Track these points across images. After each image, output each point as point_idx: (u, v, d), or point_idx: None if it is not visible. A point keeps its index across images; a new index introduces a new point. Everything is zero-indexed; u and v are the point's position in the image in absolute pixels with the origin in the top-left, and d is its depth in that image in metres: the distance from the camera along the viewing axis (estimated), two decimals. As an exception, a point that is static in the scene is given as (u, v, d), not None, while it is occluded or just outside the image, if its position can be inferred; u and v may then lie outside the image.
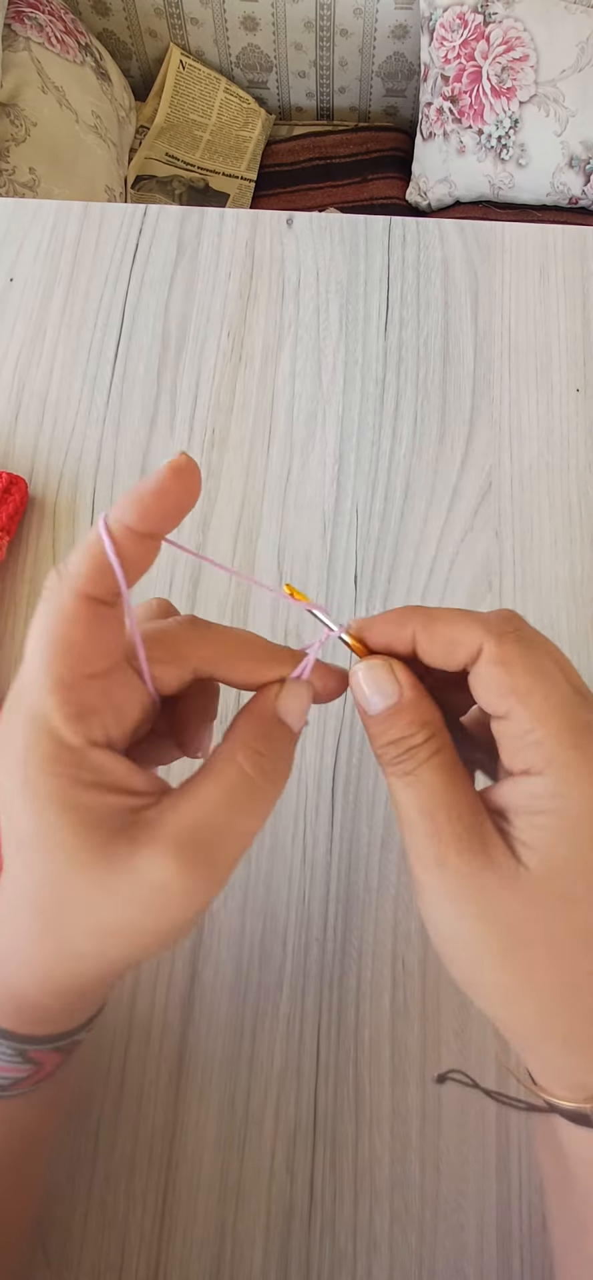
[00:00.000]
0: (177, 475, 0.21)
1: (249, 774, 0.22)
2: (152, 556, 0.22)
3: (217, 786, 0.22)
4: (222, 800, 0.21)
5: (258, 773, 0.22)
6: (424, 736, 0.23)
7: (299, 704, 0.24)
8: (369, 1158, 0.33)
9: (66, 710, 0.20)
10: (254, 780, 0.22)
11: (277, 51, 1.26)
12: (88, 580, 0.20)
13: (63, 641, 0.20)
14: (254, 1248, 0.32)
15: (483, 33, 1.06)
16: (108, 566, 0.20)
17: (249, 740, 0.23)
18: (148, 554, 0.21)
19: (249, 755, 0.22)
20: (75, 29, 1.16)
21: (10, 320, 0.48)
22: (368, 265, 0.50)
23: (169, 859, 0.20)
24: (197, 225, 0.51)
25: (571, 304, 0.48)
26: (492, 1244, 0.32)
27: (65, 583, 0.20)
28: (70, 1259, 0.32)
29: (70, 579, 0.20)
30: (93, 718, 0.21)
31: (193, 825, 0.21)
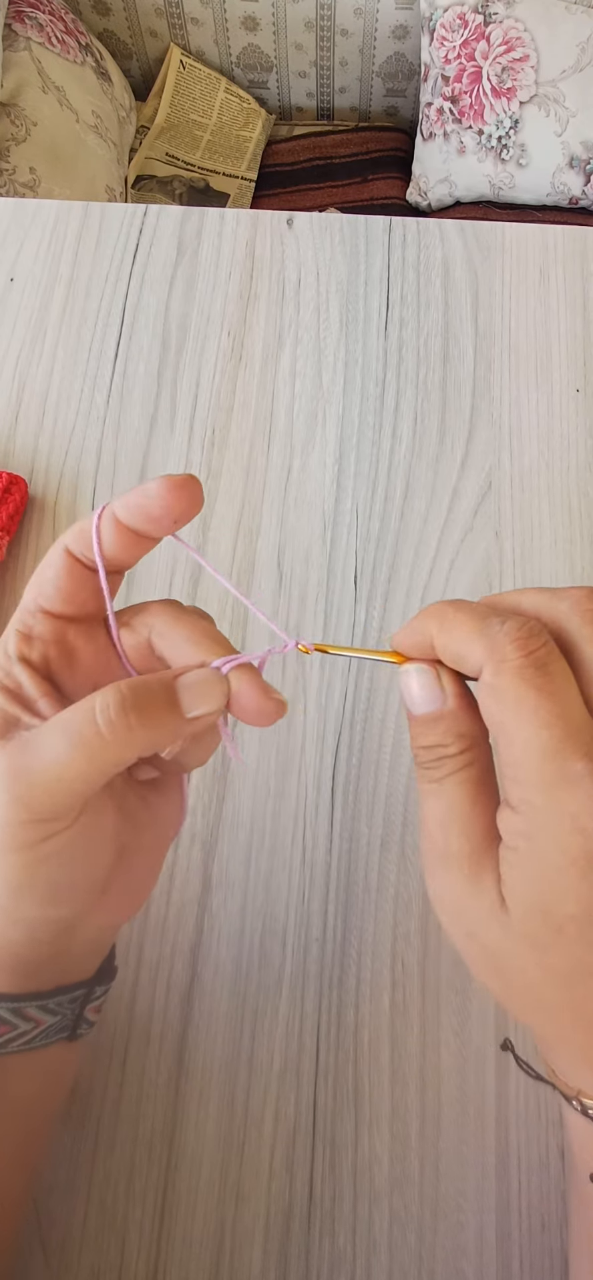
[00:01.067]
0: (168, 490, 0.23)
1: (94, 715, 0.22)
2: (137, 552, 0.25)
3: (64, 715, 0.22)
4: (59, 728, 0.22)
5: (103, 718, 0.21)
6: (457, 749, 0.22)
7: (202, 687, 0.23)
8: (369, 1158, 0.33)
9: (17, 627, 0.25)
10: (95, 724, 0.21)
11: (277, 51, 1.26)
12: (70, 537, 0.24)
13: (37, 577, 0.25)
14: (253, 1247, 0.32)
15: (483, 33, 1.06)
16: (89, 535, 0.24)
17: (120, 685, 0.22)
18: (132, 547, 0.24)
19: (107, 698, 0.22)
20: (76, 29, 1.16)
21: (10, 320, 0.48)
22: (368, 265, 0.50)
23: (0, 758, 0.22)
24: (197, 225, 0.51)
25: (571, 304, 0.48)
26: (491, 1244, 0.32)
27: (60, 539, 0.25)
28: (70, 1258, 0.32)
29: (62, 536, 0.25)
30: (36, 643, 0.24)
31: (27, 739, 0.22)
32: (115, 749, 0.22)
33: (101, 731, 0.21)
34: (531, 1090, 0.34)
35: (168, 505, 0.23)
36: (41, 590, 0.25)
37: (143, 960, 0.36)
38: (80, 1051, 0.29)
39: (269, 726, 0.25)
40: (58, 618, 0.25)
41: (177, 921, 0.36)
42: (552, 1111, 0.33)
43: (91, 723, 0.21)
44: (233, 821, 0.38)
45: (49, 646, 0.25)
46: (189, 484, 0.23)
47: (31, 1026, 0.25)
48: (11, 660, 0.24)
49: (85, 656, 0.25)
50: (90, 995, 0.27)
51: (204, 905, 0.36)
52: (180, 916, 0.36)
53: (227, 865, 0.37)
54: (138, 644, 0.25)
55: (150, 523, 0.23)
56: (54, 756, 0.21)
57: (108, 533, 0.24)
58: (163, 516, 0.23)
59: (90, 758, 0.21)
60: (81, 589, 0.25)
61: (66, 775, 0.21)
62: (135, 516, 0.23)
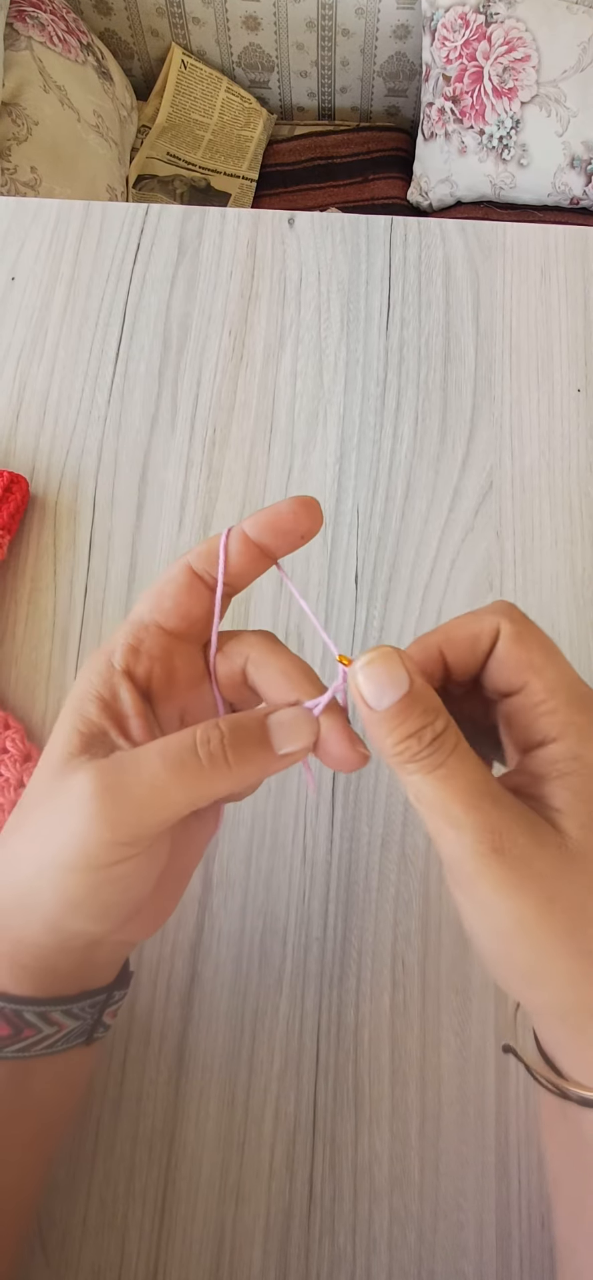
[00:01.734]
0: (298, 507, 0.25)
1: (193, 747, 0.22)
2: (257, 569, 0.26)
3: (163, 741, 0.23)
4: (157, 752, 0.22)
5: (204, 750, 0.22)
6: (445, 723, 0.22)
7: (293, 726, 0.24)
8: (368, 1157, 0.33)
9: (128, 640, 0.25)
10: (196, 754, 0.22)
11: (278, 51, 1.26)
12: (197, 556, 0.25)
13: (156, 590, 0.25)
14: (253, 1247, 0.32)
15: (485, 33, 1.06)
16: (215, 552, 0.25)
17: (220, 720, 0.23)
18: (254, 564, 0.25)
19: (207, 731, 0.23)
20: (77, 28, 1.16)
21: (11, 319, 0.48)
22: (369, 265, 0.50)
23: (90, 779, 0.22)
24: (198, 225, 0.51)
25: (572, 304, 0.48)
26: (491, 1244, 0.32)
27: (182, 556, 0.26)
28: (70, 1258, 0.32)
29: (187, 554, 0.25)
30: (144, 658, 0.25)
31: (124, 760, 0.22)
32: (212, 782, 0.22)
33: (202, 763, 0.22)
34: (530, 1090, 0.34)
35: (298, 520, 0.25)
36: (160, 604, 0.25)
37: (143, 959, 0.36)
38: (94, 1055, 0.29)
39: None
40: (168, 634, 0.25)
41: (177, 920, 0.36)
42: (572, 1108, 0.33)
43: (193, 753, 0.22)
44: (233, 820, 0.38)
45: (155, 663, 0.25)
46: (315, 504, 0.25)
47: (54, 1030, 0.25)
48: (116, 672, 0.24)
49: (181, 678, 0.26)
50: (109, 1000, 0.27)
51: (204, 904, 0.36)
52: (181, 915, 0.36)
53: (227, 864, 0.37)
54: (231, 671, 0.26)
55: (279, 537, 0.25)
56: (151, 780, 0.22)
57: (234, 551, 0.25)
58: (292, 531, 0.25)
59: (186, 787, 0.22)
60: (197, 606, 0.25)
61: (160, 801, 0.22)
62: (266, 532, 0.25)
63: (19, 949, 0.24)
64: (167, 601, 0.25)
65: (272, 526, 0.25)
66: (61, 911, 0.23)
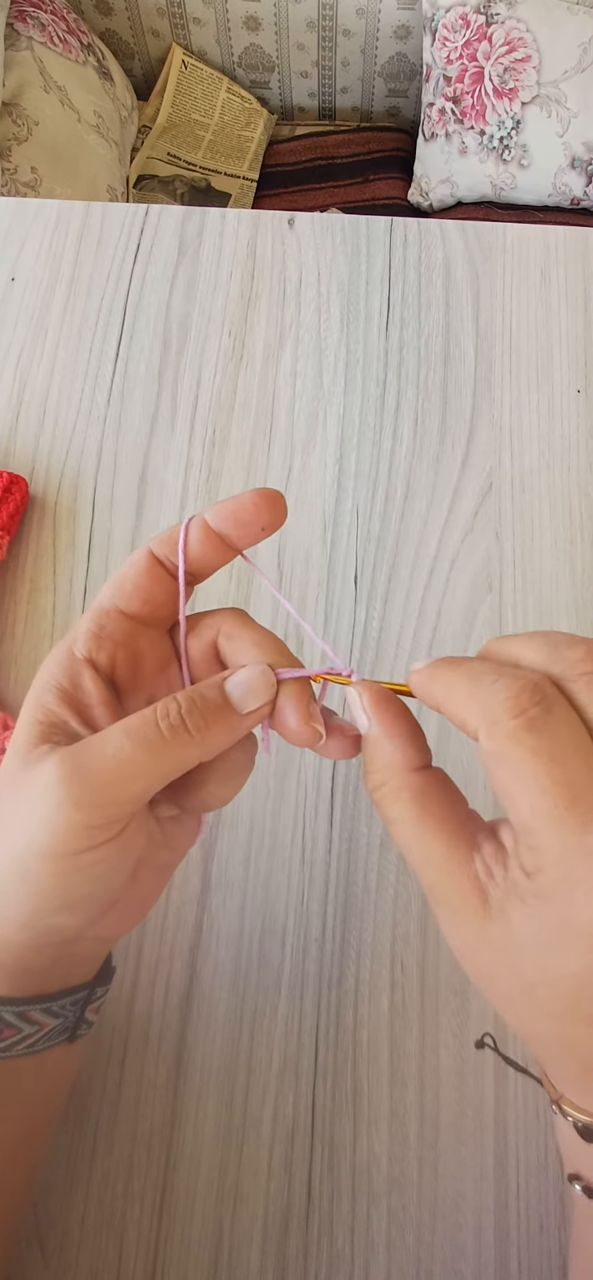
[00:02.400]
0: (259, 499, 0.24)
1: (155, 722, 0.22)
2: (220, 558, 0.25)
3: (126, 720, 0.22)
4: (121, 731, 0.22)
5: (165, 723, 0.22)
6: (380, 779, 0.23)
7: (251, 684, 0.24)
8: (367, 1158, 0.33)
9: (90, 628, 0.24)
10: (158, 729, 0.22)
11: (279, 51, 1.26)
12: (157, 541, 0.25)
13: (116, 576, 0.25)
14: (252, 1247, 0.32)
15: (485, 33, 1.06)
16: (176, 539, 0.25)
17: (179, 693, 0.23)
18: (215, 554, 0.25)
19: (168, 704, 0.23)
20: (78, 28, 1.16)
21: (12, 319, 0.48)
22: (369, 265, 0.50)
23: (55, 762, 0.21)
24: (198, 225, 0.51)
25: (572, 305, 0.48)
26: (490, 1245, 0.32)
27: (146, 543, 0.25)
28: (68, 1258, 0.32)
29: (150, 541, 0.25)
30: (106, 643, 0.25)
31: (89, 744, 0.22)
32: (176, 751, 0.22)
33: (164, 735, 0.22)
34: (529, 1092, 0.33)
35: (259, 512, 0.24)
36: (121, 589, 0.25)
37: (142, 960, 0.36)
38: (79, 1052, 0.29)
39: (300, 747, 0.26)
40: (131, 619, 0.25)
41: (176, 921, 0.36)
42: (551, 1113, 0.33)
43: (154, 726, 0.22)
44: (232, 821, 0.38)
45: (118, 648, 0.25)
46: (278, 497, 0.25)
47: (35, 1030, 0.25)
48: (77, 660, 0.24)
49: (148, 664, 0.26)
50: (91, 997, 0.27)
51: (203, 905, 0.36)
52: (180, 916, 0.36)
53: (226, 865, 0.37)
54: (203, 647, 0.26)
55: (240, 528, 0.25)
56: (116, 757, 0.22)
57: (194, 539, 0.25)
58: (252, 522, 0.24)
59: (152, 761, 0.22)
60: (159, 590, 0.25)
61: (127, 777, 0.22)
62: (226, 522, 0.25)
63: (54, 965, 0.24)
64: (127, 585, 0.25)
65: (233, 517, 0.25)
66: (33, 905, 0.22)
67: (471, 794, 0.28)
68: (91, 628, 0.25)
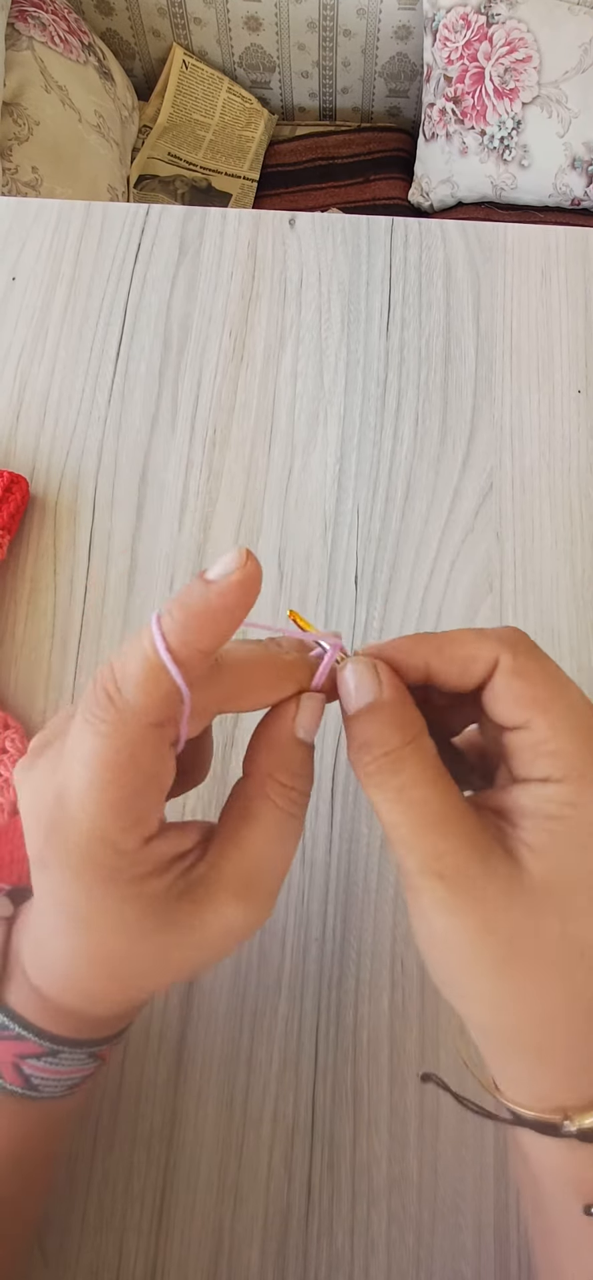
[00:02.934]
0: (243, 589, 0.20)
1: (283, 809, 0.23)
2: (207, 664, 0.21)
3: (260, 830, 0.23)
4: (265, 841, 0.23)
5: (290, 804, 0.23)
6: (405, 738, 0.22)
7: (315, 717, 0.24)
8: (367, 1158, 0.33)
9: (123, 824, 0.21)
10: (289, 813, 0.23)
11: (280, 52, 1.26)
12: (156, 713, 0.20)
13: (128, 770, 0.20)
14: (251, 1248, 0.32)
15: (486, 34, 1.06)
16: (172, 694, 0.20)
17: (277, 775, 0.23)
18: (205, 663, 0.21)
19: (281, 792, 0.23)
20: (78, 28, 1.16)
21: (12, 319, 0.48)
22: (370, 266, 0.50)
23: (231, 906, 0.22)
24: (199, 225, 0.51)
25: (572, 305, 0.48)
26: (489, 1245, 0.32)
27: (133, 717, 0.20)
28: (68, 1258, 0.32)
29: (137, 713, 0.20)
30: (146, 817, 0.21)
31: (246, 871, 0.23)
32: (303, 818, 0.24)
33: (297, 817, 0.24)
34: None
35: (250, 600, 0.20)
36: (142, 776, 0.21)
37: (142, 959, 0.36)
38: None
39: None
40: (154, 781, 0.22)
41: (176, 921, 0.36)
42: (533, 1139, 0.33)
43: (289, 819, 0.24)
44: (233, 821, 0.38)
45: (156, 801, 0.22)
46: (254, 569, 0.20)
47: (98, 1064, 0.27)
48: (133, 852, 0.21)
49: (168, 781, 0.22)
50: None
51: (204, 905, 0.37)
52: (180, 916, 0.36)
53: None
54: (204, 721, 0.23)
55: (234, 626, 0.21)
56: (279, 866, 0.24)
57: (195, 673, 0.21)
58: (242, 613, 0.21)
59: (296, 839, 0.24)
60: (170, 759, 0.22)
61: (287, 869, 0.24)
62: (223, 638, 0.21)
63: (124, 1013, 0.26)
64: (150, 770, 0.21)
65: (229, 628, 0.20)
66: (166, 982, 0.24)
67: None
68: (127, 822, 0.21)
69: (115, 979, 0.23)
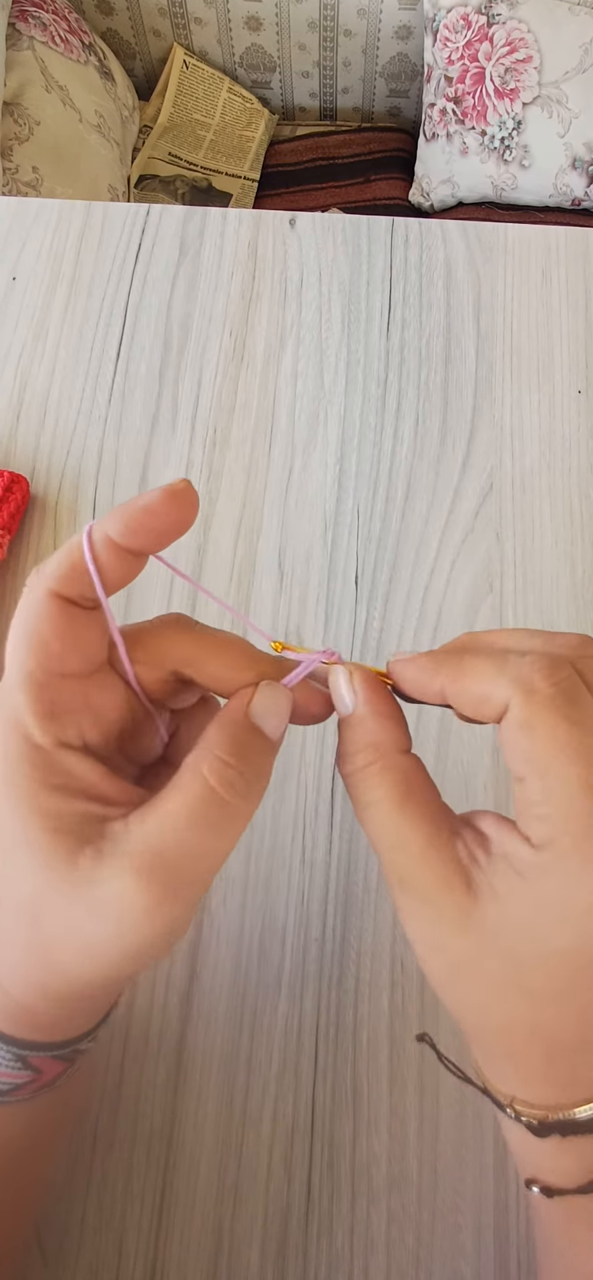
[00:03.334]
0: (170, 499, 0.21)
1: (215, 789, 0.20)
2: (134, 571, 0.22)
3: (181, 802, 0.20)
4: (186, 817, 0.20)
5: (225, 787, 0.20)
6: (365, 760, 0.22)
7: (275, 707, 0.22)
8: (367, 1158, 0.33)
9: (37, 708, 0.20)
10: (220, 796, 0.20)
11: (280, 52, 1.26)
12: (60, 580, 0.21)
13: (35, 638, 0.21)
14: (251, 1247, 0.32)
15: (487, 34, 1.06)
16: (84, 571, 0.21)
17: (216, 749, 0.21)
18: (128, 568, 0.21)
19: (215, 767, 0.21)
20: (79, 28, 1.16)
21: (13, 319, 0.48)
22: (370, 266, 0.50)
23: (129, 876, 0.19)
24: (199, 225, 0.51)
25: (573, 306, 0.48)
26: (489, 1245, 0.32)
27: (41, 580, 0.21)
28: (67, 1258, 0.32)
29: (44, 578, 0.21)
30: (67, 718, 0.21)
31: (155, 843, 0.20)
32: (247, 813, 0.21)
33: (233, 805, 0.21)
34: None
35: (172, 516, 0.21)
36: (47, 651, 0.21)
37: (142, 959, 0.36)
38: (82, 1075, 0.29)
39: None
40: (75, 678, 0.21)
41: (176, 921, 0.36)
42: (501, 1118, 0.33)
43: (221, 802, 0.20)
44: (233, 821, 0.38)
45: (80, 716, 0.21)
46: (188, 492, 0.21)
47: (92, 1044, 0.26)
48: (47, 750, 0.20)
49: (108, 710, 0.22)
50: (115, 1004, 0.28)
51: (203, 904, 0.36)
52: (180, 916, 0.36)
53: (226, 864, 0.37)
54: (162, 678, 0.23)
55: (154, 538, 0.21)
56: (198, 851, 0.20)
57: (103, 561, 0.21)
58: (167, 529, 0.21)
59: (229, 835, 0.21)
60: (88, 633, 0.21)
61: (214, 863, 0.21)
62: (137, 535, 0.21)
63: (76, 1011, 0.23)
64: (53, 645, 0.20)
65: (144, 528, 0.21)
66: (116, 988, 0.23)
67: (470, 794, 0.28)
68: (39, 708, 0.20)
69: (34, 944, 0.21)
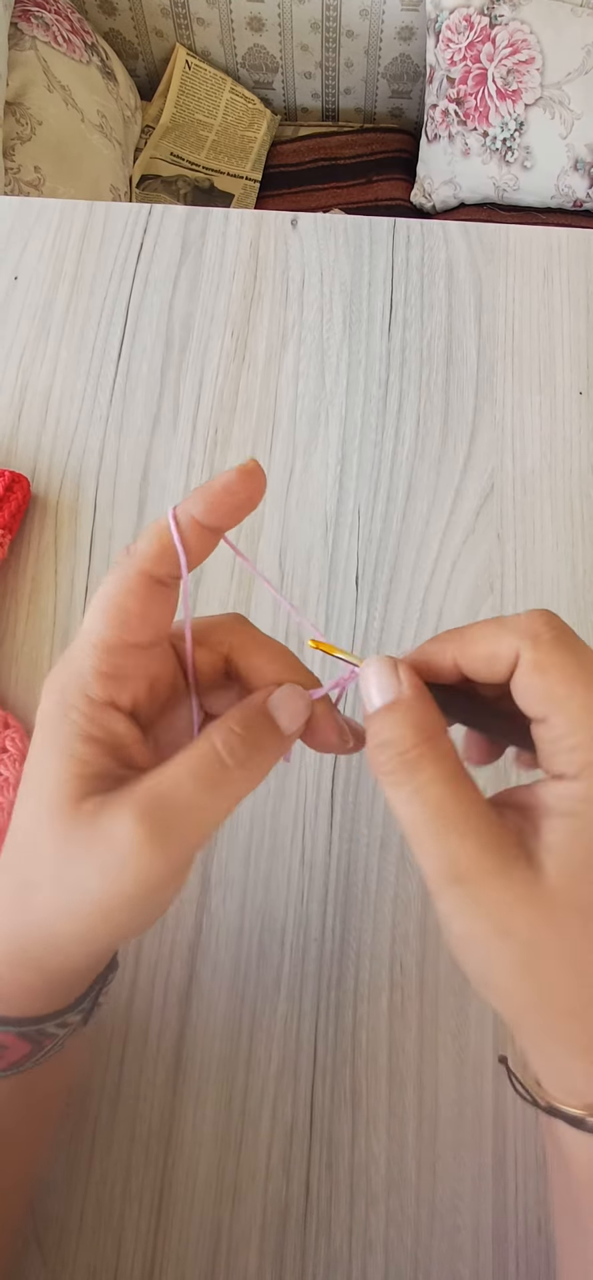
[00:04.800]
0: (245, 478, 0.23)
1: (220, 753, 0.22)
2: (210, 548, 0.24)
3: (188, 760, 0.22)
4: (189, 773, 0.22)
5: (229, 754, 0.22)
6: (419, 739, 0.22)
7: (292, 705, 0.24)
8: (365, 1158, 0.33)
9: (103, 668, 0.23)
10: (224, 762, 0.22)
11: (283, 52, 1.26)
12: (152, 560, 0.23)
13: (120, 609, 0.23)
14: (249, 1247, 0.32)
15: (489, 35, 1.06)
16: (171, 550, 0.23)
17: (229, 720, 0.23)
18: (207, 546, 0.24)
19: (225, 735, 0.22)
20: (81, 28, 1.16)
21: (14, 318, 0.48)
22: (372, 266, 0.50)
23: (127, 818, 0.21)
24: (201, 225, 0.51)
25: (574, 307, 0.48)
26: (488, 1246, 0.32)
27: (132, 560, 0.23)
28: (66, 1257, 0.32)
29: (137, 557, 0.23)
30: (124, 682, 0.23)
31: (157, 792, 0.22)
32: (242, 784, 0.22)
33: (232, 770, 0.22)
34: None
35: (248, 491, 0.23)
36: (126, 623, 0.23)
37: (141, 959, 0.36)
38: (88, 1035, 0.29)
39: None
40: (141, 649, 0.24)
41: (175, 920, 0.36)
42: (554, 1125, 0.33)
43: (222, 764, 0.22)
44: (232, 821, 0.38)
45: (138, 684, 0.24)
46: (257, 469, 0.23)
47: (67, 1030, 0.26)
48: (97, 705, 0.23)
49: (161, 686, 0.25)
50: (105, 982, 0.28)
51: (203, 904, 0.36)
52: (179, 915, 0.36)
53: (226, 864, 0.37)
54: (213, 661, 0.26)
55: (231, 513, 0.23)
56: (192, 805, 0.22)
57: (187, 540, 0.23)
58: (242, 505, 0.23)
59: (224, 798, 0.22)
60: (163, 611, 0.24)
61: (204, 822, 0.22)
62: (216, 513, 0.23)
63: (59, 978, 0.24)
64: (133, 619, 0.23)
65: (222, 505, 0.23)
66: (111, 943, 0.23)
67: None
68: (103, 668, 0.23)
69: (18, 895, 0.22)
